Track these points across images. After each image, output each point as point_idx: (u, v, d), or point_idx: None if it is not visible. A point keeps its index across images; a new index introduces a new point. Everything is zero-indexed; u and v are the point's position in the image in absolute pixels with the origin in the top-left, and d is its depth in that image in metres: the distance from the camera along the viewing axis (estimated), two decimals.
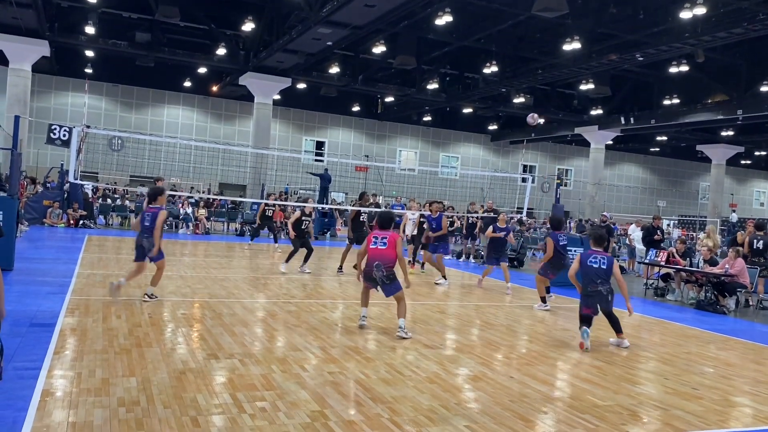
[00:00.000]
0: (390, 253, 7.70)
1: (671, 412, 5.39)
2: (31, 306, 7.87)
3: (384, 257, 7.68)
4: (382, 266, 7.67)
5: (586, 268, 7.77)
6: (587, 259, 7.80)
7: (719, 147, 41.83)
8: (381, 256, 7.69)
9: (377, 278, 7.71)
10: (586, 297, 7.76)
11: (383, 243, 7.75)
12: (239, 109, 40.82)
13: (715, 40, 22.43)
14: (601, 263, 7.76)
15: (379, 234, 7.87)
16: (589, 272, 7.74)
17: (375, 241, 7.82)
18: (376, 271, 7.69)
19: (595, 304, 7.73)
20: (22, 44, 27.24)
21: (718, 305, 11.98)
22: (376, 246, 7.77)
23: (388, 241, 7.75)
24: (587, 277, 7.76)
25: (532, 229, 28.37)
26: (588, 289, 7.73)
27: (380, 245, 7.76)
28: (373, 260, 7.74)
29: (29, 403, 4.52)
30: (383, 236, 7.81)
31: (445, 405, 5.13)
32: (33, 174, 29.51)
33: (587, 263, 7.78)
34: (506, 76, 31.21)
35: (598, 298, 7.71)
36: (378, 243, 7.78)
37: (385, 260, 7.68)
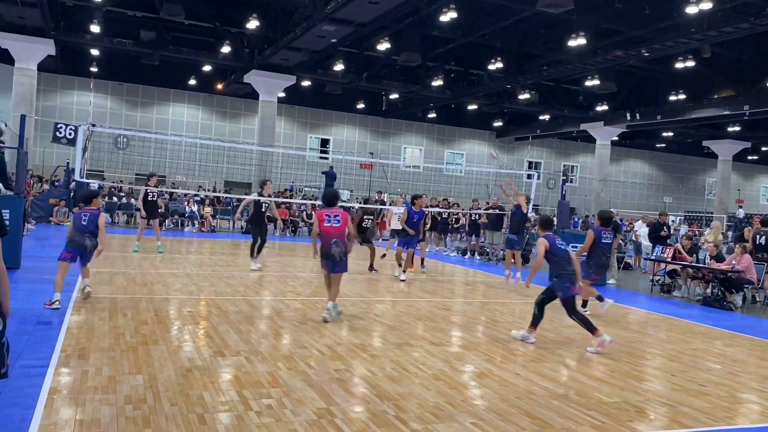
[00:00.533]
0: (344, 230, 8.05)
1: (678, 409, 5.37)
2: (38, 304, 7.90)
3: (340, 234, 8.02)
4: (340, 242, 8.00)
5: (557, 251, 7.72)
6: (555, 243, 7.77)
7: (726, 143, 41.63)
8: (337, 233, 8.00)
9: (336, 254, 7.97)
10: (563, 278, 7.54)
11: (337, 221, 8.05)
12: (244, 107, 40.84)
13: (722, 35, 22.30)
14: (564, 245, 7.86)
15: (330, 212, 8.11)
16: (560, 254, 7.70)
17: (328, 219, 8.07)
18: (335, 248, 7.97)
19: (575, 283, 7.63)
20: (27, 43, 27.31)
21: (725, 301, 11.94)
22: (330, 224, 8.04)
23: (341, 218, 8.07)
24: (562, 260, 7.65)
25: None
26: (569, 269, 7.60)
27: (334, 223, 8.05)
28: (330, 237, 8.00)
29: (36, 401, 4.54)
30: (335, 214, 8.10)
31: (451, 402, 5.13)
32: (39, 172, 29.62)
33: (557, 245, 7.75)
34: (511, 72, 31.12)
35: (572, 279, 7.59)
36: (332, 221, 8.05)
37: (341, 236, 8.02)
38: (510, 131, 46.85)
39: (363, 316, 8.70)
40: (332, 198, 8.39)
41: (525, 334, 7.69)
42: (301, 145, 42.39)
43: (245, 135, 40.43)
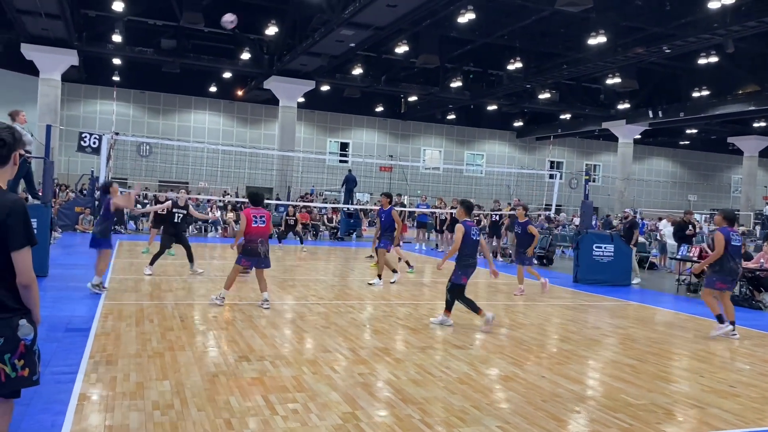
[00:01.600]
0: (268, 230, 8.73)
1: (708, 411, 5.29)
2: (66, 311, 8.03)
3: (265, 234, 8.65)
4: (265, 241, 8.64)
5: (469, 240, 8.05)
6: (470, 231, 8.10)
7: (751, 138, 40.94)
8: (263, 233, 8.63)
9: (261, 252, 8.60)
10: (466, 267, 8.09)
11: (263, 221, 8.63)
12: (264, 113, 41.11)
13: (745, 29, 21.93)
14: (477, 235, 8.29)
15: (257, 213, 8.65)
16: (471, 244, 8.10)
17: (255, 220, 8.59)
18: (260, 246, 8.59)
19: (472, 274, 8.20)
20: (51, 54, 27.78)
21: (754, 300, 11.74)
22: (257, 224, 8.59)
23: (266, 218, 8.67)
24: (470, 249, 8.10)
25: (561, 226, 28.08)
26: (469, 261, 8.09)
27: (260, 223, 8.60)
28: (257, 237, 8.59)
29: (67, 407, 4.62)
30: (261, 215, 8.65)
31: (476, 405, 5.11)
32: (64, 181, 30.10)
33: (471, 235, 8.07)
34: (531, 72, 30.93)
35: (474, 268, 8.19)
36: (258, 221, 8.60)
37: (266, 236, 8.70)
38: (530, 131, 46.54)
39: (385, 319, 8.71)
40: (261, 198, 8.89)
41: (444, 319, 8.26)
42: (320, 149, 42.55)
43: (266, 140, 40.69)
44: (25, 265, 2.97)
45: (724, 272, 8.35)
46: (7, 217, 2.93)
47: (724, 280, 8.40)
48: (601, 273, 13.78)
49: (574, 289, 13.14)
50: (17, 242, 2.94)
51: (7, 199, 2.97)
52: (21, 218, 2.97)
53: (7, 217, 2.92)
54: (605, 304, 11.29)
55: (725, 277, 8.38)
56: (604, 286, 13.36)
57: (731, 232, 8.42)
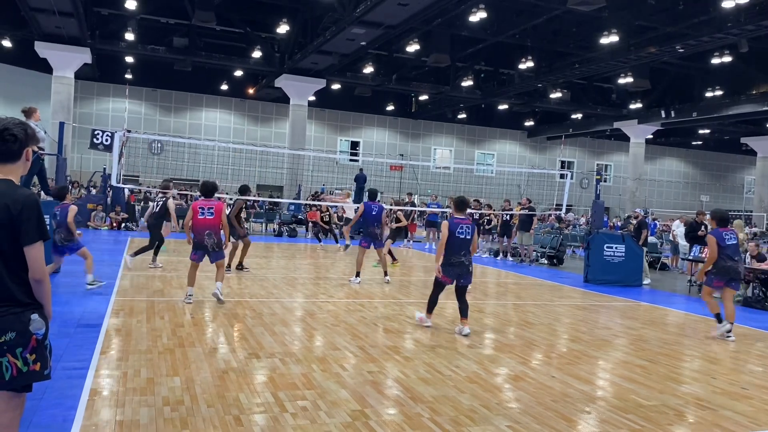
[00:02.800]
0: (217, 222, 8.49)
1: (720, 413, 5.25)
2: (77, 307, 8.08)
3: (213, 226, 8.45)
4: (213, 234, 8.45)
5: (453, 238, 7.58)
6: (456, 229, 7.60)
7: (765, 139, 40.54)
8: (210, 225, 8.45)
9: (209, 245, 8.47)
10: (449, 267, 7.66)
11: (210, 213, 8.47)
12: (275, 111, 41.19)
13: (760, 29, 21.74)
14: (467, 234, 7.66)
15: (204, 204, 8.52)
16: (456, 243, 7.61)
17: (202, 211, 8.47)
18: (207, 239, 8.44)
19: (456, 274, 7.70)
20: (65, 52, 27.98)
21: (767, 302, 11.63)
22: (204, 216, 8.45)
23: (215, 210, 8.48)
24: (454, 247, 7.63)
25: (572, 226, 27.96)
26: (452, 260, 7.63)
27: (208, 215, 8.46)
28: (203, 229, 8.44)
29: (78, 402, 4.65)
30: (209, 206, 8.50)
31: (486, 405, 5.09)
32: (77, 178, 30.29)
33: (456, 234, 7.59)
34: (542, 71, 30.81)
35: (460, 269, 7.70)
36: (206, 213, 8.46)
37: (214, 228, 8.47)
38: (542, 131, 46.37)
39: (395, 318, 8.70)
40: (211, 190, 8.73)
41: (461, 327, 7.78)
42: (331, 147, 42.58)
43: (277, 139, 40.77)
44: (37, 260, 2.99)
45: (719, 271, 8.46)
46: (21, 212, 2.95)
47: (720, 278, 8.48)
48: (612, 273, 13.71)
49: (584, 289, 13.08)
50: (30, 237, 2.97)
51: (20, 194, 2.99)
52: (34, 213, 2.99)
53: (20, 213, 2.95)
54: (616, 305, 11.23)
55: (721, 276, 8.46)
56: (615, 287, 13.29)
57: (723, 232, 8.49)
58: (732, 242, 8.46)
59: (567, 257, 19.97)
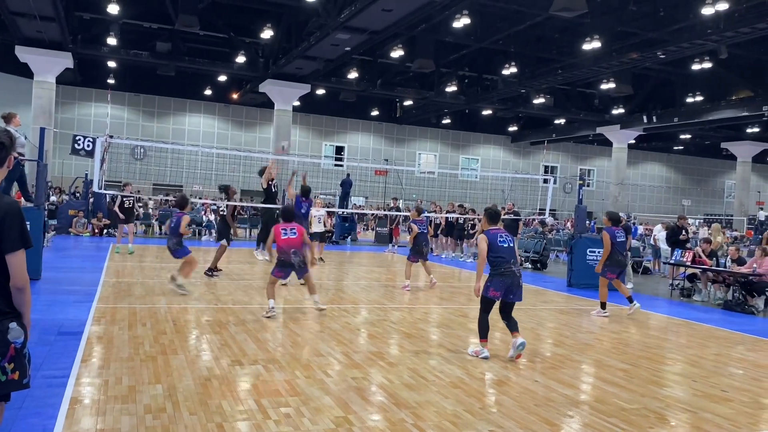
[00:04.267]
0: (300, 241, 8.92)
1: (700, 415, 5.30)
2: (58, 315, 7.99)
3: (298, 245, 8.87)
4: (299, 252, 8.88)
5: (496, 247, 6.92)
6: (496, 239, 6.97)
7: (744, 144, 41.16)
8: (295, 244, 8.84)
9: (295, 263, 8.85)
10: (498, 277, 6.88)
11: (293, 233, 8.88)
12: (259, 116, 41.12)
13: (738, 35, 22.07)
14: (510, 242, 7.04)
15: (287, 226, 8.97)
16: (501, 251, 6.92)
17: (285, 232, 8.86)
18: (293, 257, 8.82)
19: (506, 286, 6.89)
20: (46, 57, 27.72)
21: (747, 305, 11.78)
22: (287, 236, 8.83)
23: (297, 231, 8.90)
24: (500, 256, 6.91)
25: (555, 230, 28.14)
26: (502, 269, 6.87)
27: (291, 235, 8.86)
28: (289, 248, 8.80)
29: (58, 410, 4.59)
30: (291, 228, 8.94)
31: (469, 410, 5.11)
32: (58, 184, 29.98)
33: (497, 243, 6.94)
34: (525, 77, 31.03)
35: (512, 279, 6.90)
36: (288, 233, 8.87)
37: (299, 247, 8.89)
38: (525, 136, 46.68)
39: (379, 324, 8.70)
40: (291, 214, 9.27)
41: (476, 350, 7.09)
42: (316, 152, 42.56)
43: (261, 144, 40.68)
44: (19, 268, 2.96)
45: (612, 264, 10.04)
46: (3, 220, 2.92)
47: (612, 270, 10.11)
48: (595, 277, 13.73)
49: (567, 293, 13.17)
50: (13, 245, 2.94)
51: (2, 201, 2.97)
52: (17, 221, 2.96)
53: (2, 220, 2.92)
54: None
55: (614, 268, 10.10)
56: (598, 291, 13.35)
57: (615, 230, 10.10)
58: (621, 239, 10.11)
59: (550, 261, 20.08)
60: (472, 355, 6.98)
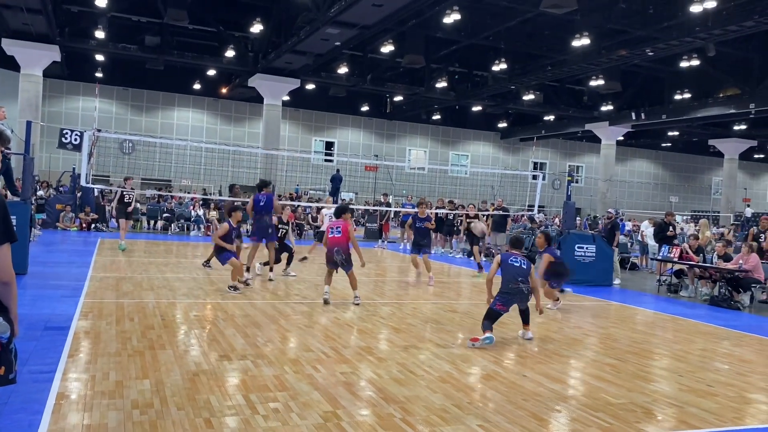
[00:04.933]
0: (344, 240, 9.31)
1: (686, 410, 5.35)
2: (45, 309, 7.93)
3: (341, 244, 9.30)
4: (341, 251, 9.26)
5: (507, 266, 7.61)
6: (508, 259, 7.69)
7: (732, 141, 41.47)
8: (338, 243, 9.28)
9: (338, 261, 9.31)
10: (505, 294, 7.52)
11: (338, 232, 9.34)
12: (249, 111, 40.93)
13: (727, 33, 22.22)
14: (522, 263, 7.67)
15: (334, 225, 9.43)
16: (510, 270, 7.57)
17: (332, 231, 9.38)
18: (336, 256, 9.27)
19: (513, 302, 7.57)
20: (33, 50, 27.43)
21: (733, 301, 11.89)
22: (333, 235, 9.35)
23: (342, 229, 9.34)
24: (508, 275, 7.56)
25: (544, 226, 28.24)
26: (509, 287, 7.51)
27: (336, 234, 9.33)
28: (333, 247, 9.32)
29: (44, 406, 4.56)
30: (337, 226, 9.38)
31: (457, 404, 5.12)
32: (45, 178, 29.73)
33: (508, 262, 7.64)
34: (515, 73, 31.09)
35: (519, 296, 7.57)
36: (334, 232, 9.36)
37: (342, 246, 9.30)
38: (515, 132, 46.79)
39: (369, 318, 8.71)
40: (340, 212, 9.62)
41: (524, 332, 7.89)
42: (305, 148, 42.46)
43: (250, 138, 40.52)
44: (4, 262, 2.93)
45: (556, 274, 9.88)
46: None
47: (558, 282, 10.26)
48: (583, 273, 13.86)
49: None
50: None
51: None
52: (0, 214, 2.93)
53: None
54: (586, 304, 11.38)
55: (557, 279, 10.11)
56: (586, 286, 13.46)
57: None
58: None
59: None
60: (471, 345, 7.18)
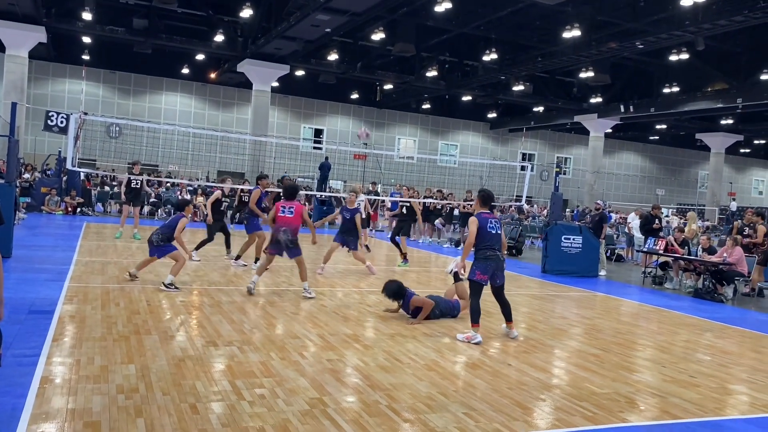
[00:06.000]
0: (296, 221, 8.91)
1: (669, 400, 5.41)
2: (29, 293, 7.87)
3: (290, 224, 8.88)
4: (289, 231, 8.84)
5: (485, 232, 7.07)
6: (486, 225, 7.10)
7: (718, 135, 41.77)
8: (288, 223, 8.88)
9: (282, 240, 8.84)
10: (484, 261, 7.09)
11: (290, 212, 8.94)
12: (237, 97, 40.63)
13: (716, 27, 22.32)
14: (498, 229, 7.18)
15: (286, 204, 9.01)
16: (488, 236, 7.09)
17: (283, 210, 8.96)
18: (282, 235, 8.83)
19: (492, 270, 7.11)
20: (18, 30, 27.04)
21: (716, 294, 12.01)
22: (284, 214, 8.93)
23: (295, 210, 8.94)
24: (486, 241, 7.08)
25: (531, 217, 28.35)
26: (487, 253, 7.07)
27: (287, 213, 8.93)
28: (280, 225, 8.87)
29: (28, 390, 4.53)
30: (290, 206, 8.98)
31: (443, 392, 5.15)
32: (30, 161, 29.41)
33: (487, 228, 7.09)
34: (506, 63, 31.06)
35: (496, 263, 7.11)
36: (286, 212, 8.95)
37: (291, 227, 8.87)
38: (504, 123, 46.83)
39: (355, 306, 8.72)
40: (293, 192, 9.20)
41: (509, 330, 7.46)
42: (294, 135, 42.24)
43: (238, 124, 40.25)
44: None
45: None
46: None
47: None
48: (569, 264, 13.97)
49: (542, 279, 13.31)
50: None
51: None
52: None
53: None
54: (572, 295, 11.46)
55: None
56: (572, 277, 13.55)
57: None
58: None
59: (526, 248, 20.26)
60: (462, 341, 7.00)
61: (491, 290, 7.35)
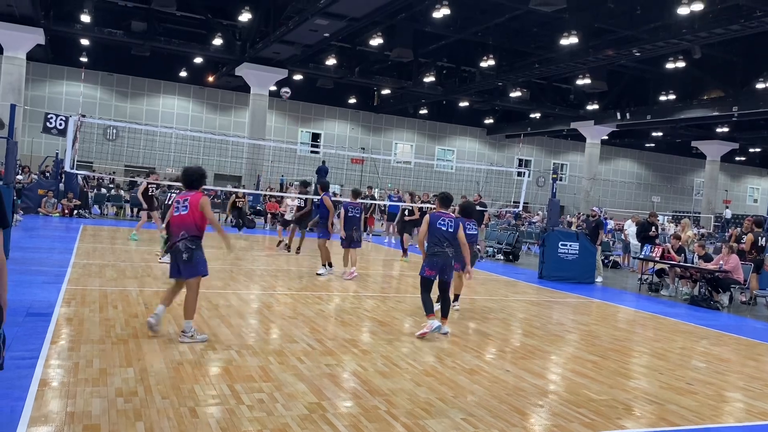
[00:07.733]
0: (192, 219, 6.32)
1: (666, 407, 5.43)
2: (27, 296, 7.85)
3: (187, 225, 6.33)
4: (187, 234, 6.31)
5: (434, 229, 7.40)
6: (436, 222, 7.41)
7: (714, 143, 41.96)
8: (184, 224, 6.33)
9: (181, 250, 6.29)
10: (431, 257, 7.37)
11: (185, 208, 6.37)
12: (235, 100, 40.67)
13: (712, 36, 22.46)
14: (449, 226, 7.43)
15: (181, 197, 6.49)
16: (436, 233, 7.38)
17: (178, 207, 6.43)
18: (180, 243, 6.30)
19: (439, 266, 7.34)
20: (16, 32, 27.04)
21: (712, 301, 12.06)
22: (179, 213, 6.40)
23: (190, 203, 6.34)
24: (433, 238, 7.39)
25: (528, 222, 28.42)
26: (435, 250, 7.37)
27: (182, 211, 6.37)
28: (178, 230, 6.37)
29: (27, 392, 4.52)
30: (185, 199, 6.40)
31: (441, 398, 5.16)
32: (27, 162, 29.35)
33: (436, 225, 7.40)
34: (503, 69, 31.18)
35: (443, 260, 7.33)
36: (180, 209, 6.39)
37: (189, 228, 6.33)
38: (501, 129, 46.96)
39: (353, 311, 8.72)
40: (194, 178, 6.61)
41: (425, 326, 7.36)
42: (292, 139, 42.27)
43: (236, 128, 40.27)
44: None
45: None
46: None
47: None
48: (566, 270, 14.00)
49: (539, 285, 13.33)
50: None
51: None
52: None
53: None
54: (569, 301, 11.49)
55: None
56: (569, 283, 13.59)
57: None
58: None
59: (522, 254, 20.30)
60: (422, 335, 7.22)
61: (437, 284, 7.56)
